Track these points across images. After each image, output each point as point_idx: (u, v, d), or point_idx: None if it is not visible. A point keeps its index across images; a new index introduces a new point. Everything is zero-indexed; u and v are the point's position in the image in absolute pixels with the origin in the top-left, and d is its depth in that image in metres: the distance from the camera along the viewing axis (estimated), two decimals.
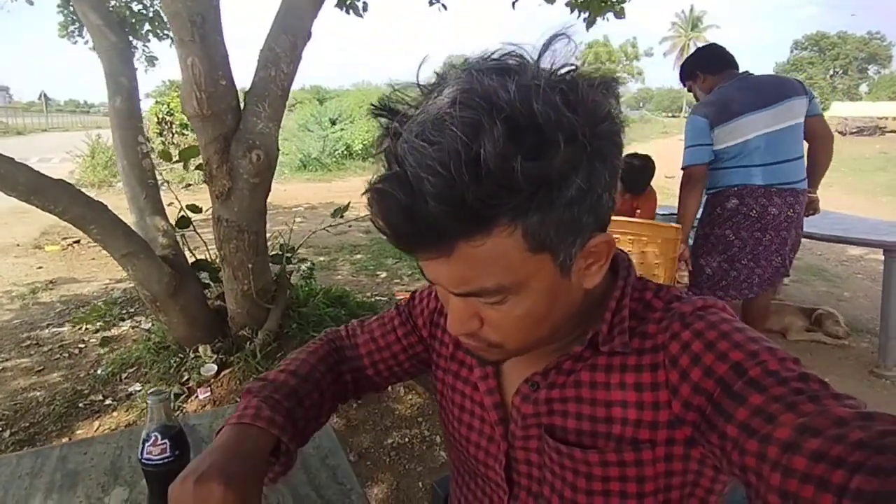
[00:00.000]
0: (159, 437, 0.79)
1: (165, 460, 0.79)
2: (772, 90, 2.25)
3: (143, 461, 0.79)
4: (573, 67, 0.47)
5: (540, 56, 0.47)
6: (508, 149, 0.41)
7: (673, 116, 57.62)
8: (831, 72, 59.48)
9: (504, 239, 0.45)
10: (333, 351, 0.81)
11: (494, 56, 0.47)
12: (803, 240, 2.57)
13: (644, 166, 3.01)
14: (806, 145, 2.35)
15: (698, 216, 2.46)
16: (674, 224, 2.36)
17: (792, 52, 61.85)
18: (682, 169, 2.36)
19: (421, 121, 0.44)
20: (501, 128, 0.41)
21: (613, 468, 0.58)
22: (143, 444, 0.79)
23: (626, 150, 0.52)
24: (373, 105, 0.50)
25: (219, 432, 0.65)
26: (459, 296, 0.51)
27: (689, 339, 0.54)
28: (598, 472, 0.58)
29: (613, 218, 0.54)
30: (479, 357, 0.63)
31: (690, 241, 2.51)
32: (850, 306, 3.90)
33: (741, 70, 2.37)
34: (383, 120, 0.49)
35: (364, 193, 0.47)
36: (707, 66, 2.42)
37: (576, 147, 0.44)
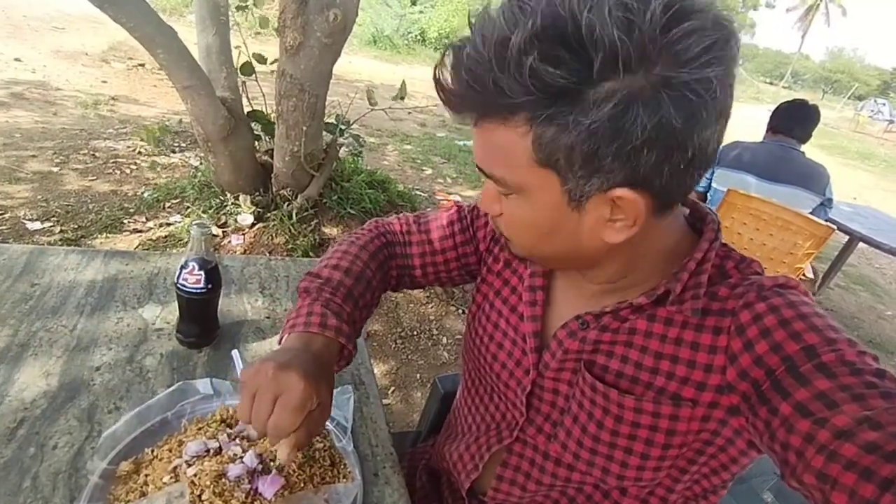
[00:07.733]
0: (196, 268, 0.82)
1: (198, 290, 0.83)
2: (791, 169, 2.32)
3: (179, 285, 0.83)
4: None
5: None
6: (532, 45, 0.40)
7: (771, 83, 52.71)
8: None
9: (514, 136, 0.46)
10: (384, 247, 0.79)
11: None
12: (864, 247, 2.61)
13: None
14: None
15: None
16: (830, 225, 2.23)
17: None
18: None
19: None
20: (540, 22, 0.40)
21: (646, 416, 0.57)
22: (181, 269, 0.82)
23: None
24: None
25: (282, 339, 0.64)
26: (481, 173, 0.54)
27: (762, 312, 0.51)
28: (630, 416, 0.58)
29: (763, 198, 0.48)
30: (509, 250, 0.66)
31: None
32: (889, 326, 3.74)
33: (786, 141, 2.37)
34: None
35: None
36: (771, 119, 2.44)
37: (621, 78, 0.41)
